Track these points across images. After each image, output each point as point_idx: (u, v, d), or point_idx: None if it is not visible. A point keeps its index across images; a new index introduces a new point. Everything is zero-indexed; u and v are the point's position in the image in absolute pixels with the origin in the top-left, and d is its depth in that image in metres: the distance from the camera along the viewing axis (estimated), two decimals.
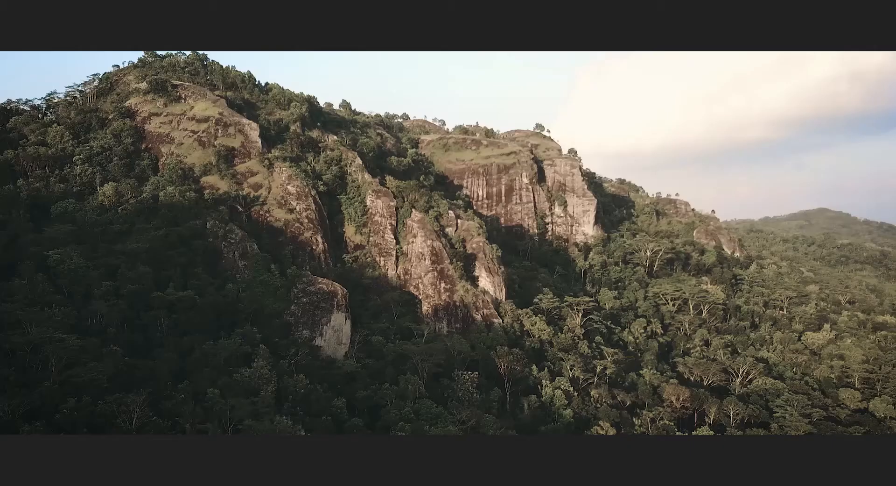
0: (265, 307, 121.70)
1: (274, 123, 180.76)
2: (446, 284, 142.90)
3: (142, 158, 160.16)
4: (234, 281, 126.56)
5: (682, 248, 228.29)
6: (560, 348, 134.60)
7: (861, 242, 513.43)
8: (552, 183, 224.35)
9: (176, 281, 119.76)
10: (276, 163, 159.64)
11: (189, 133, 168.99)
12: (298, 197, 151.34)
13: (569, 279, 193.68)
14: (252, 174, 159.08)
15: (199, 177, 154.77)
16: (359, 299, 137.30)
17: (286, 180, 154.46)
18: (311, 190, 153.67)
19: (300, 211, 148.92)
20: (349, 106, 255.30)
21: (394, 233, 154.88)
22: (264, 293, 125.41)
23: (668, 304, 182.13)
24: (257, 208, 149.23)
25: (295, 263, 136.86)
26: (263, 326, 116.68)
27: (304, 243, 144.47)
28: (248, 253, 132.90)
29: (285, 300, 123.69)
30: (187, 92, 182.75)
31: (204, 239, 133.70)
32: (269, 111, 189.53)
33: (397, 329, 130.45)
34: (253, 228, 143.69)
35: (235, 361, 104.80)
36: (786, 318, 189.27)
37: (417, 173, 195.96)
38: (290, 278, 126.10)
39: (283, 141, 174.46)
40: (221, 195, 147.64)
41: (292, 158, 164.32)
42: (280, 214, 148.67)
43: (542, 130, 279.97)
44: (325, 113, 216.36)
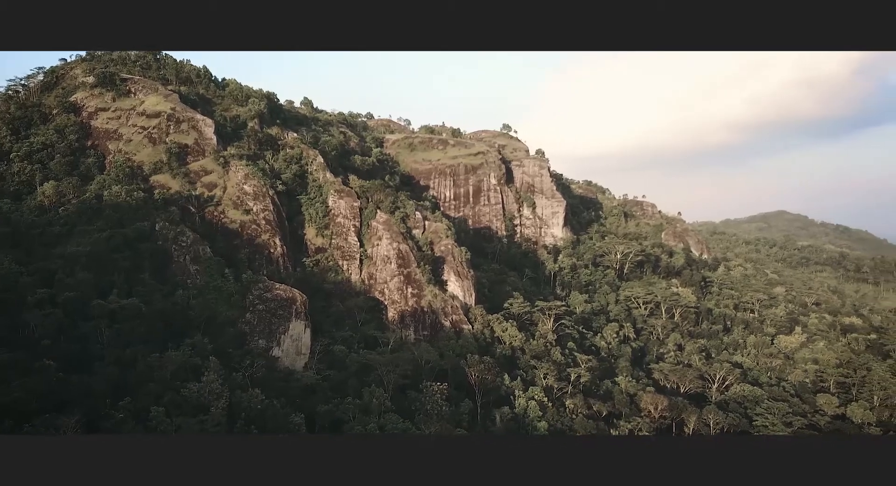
0: (218, 315, 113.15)
1: (230, 119, 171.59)
2: (413, 288, 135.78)
3: (87, 155, 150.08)
4: (185, 287, 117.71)
5: (652, 250, 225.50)
6: (532, 355, 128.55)
7: (820, 244, 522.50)
8: (520, 184, 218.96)
9: (120, 287, 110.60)
10: (232, 161, 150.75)
11: (139, 129, 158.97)
12: (255, 197, 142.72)
13: (538, 283, 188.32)
14: (206, 173, 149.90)
15: (148, 175, 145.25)
16: (320, 305, 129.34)
17: (242, 179, 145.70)
18: (269, 190, 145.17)
19: (257, 212, 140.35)
20: (311, 104, 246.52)
21: (357, 235, 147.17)
22: (217, 300, 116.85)
23: (639, 307, 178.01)
24: (211, 209, 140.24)
25: (251, 267, 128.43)
26: (216, 335, 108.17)
27: (262, 245, 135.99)
28: (200, 257, 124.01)
29: (240, 308, 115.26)
30: (137, 86, 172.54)
31: (152, 242, 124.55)
32: (225, 107, 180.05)
33: (361, 337, 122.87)
34: (206, 230, 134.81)
35: (184, 374, 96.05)
36: (757, 321, 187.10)
37: (382, 173, 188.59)
38: (246, 284, 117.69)
39: (239, 138, 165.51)
40: (172, 195, 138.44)
41: (249, 157, 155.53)
42: (236, 216, 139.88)
43: (510, 131, 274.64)
44: (285, 110, 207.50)
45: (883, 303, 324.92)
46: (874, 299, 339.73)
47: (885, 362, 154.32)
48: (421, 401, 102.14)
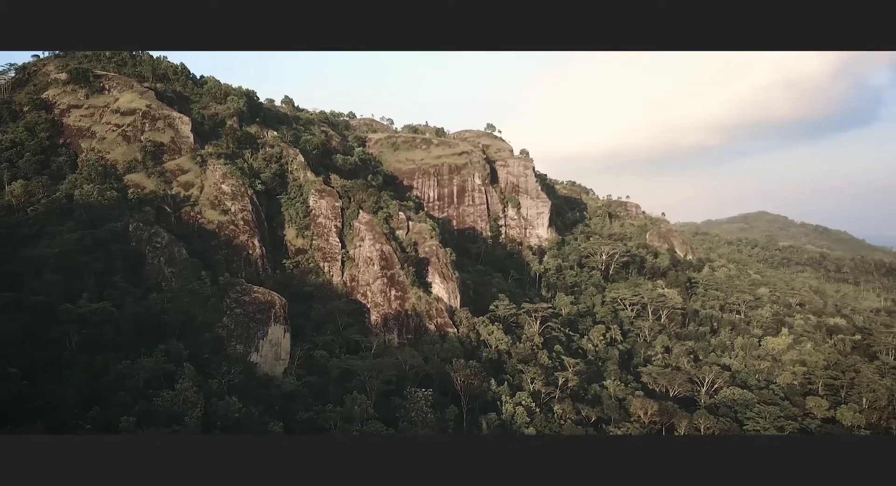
0: (194, 319, 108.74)
1: (208, 117, 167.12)
2: (397, 291, 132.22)
3: (58, 154, 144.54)
4: (159, 290, 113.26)
5: (637, 251, 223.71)
6: (519, 358, 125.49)
7: (800, 244, 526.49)
8: (505, 184, 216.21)
9: (90, 291, 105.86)
10: (210, 160, 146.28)
11: (112, 127, 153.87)
12: (234, 197, 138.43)
13: (524, 284, 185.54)
14: (182, 172, 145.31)
15: (122, 175, 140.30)
16: (300, 308, 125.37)
17: (220, 179, 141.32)
18: (247, 189, 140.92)
19: (235, 212, 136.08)
20: (292, 102, 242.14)
21: (339, 236, 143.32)
22: (193, 304, 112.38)
23: (626, 309, 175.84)
24: (187, 209, 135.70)
25: (229, 269, 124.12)
26: (191, 341, 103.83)
27: (240, 247, 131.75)
28: (175, 258, 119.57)
29: (217, 311, 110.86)
30: (112, 83, 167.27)
31: (125, 243, 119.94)
32: (203, 105, 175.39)
33: (343, 342, 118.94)
34: (182, 230, 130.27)
35: (157, 382, 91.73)
36: (743, 322, 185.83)
37: (365, 173, 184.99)
38: (223, 287, 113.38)
39: (217, 137, 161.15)
40: (147, 195, 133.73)
41: (228, 155, 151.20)
42: (213, 216, 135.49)
43: (493, 131, 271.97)
44: (265, 109, 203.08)
45: (863, 303, 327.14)
46: (855, 299, 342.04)
47: (872, 363, 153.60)
48: (405, 408, 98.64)
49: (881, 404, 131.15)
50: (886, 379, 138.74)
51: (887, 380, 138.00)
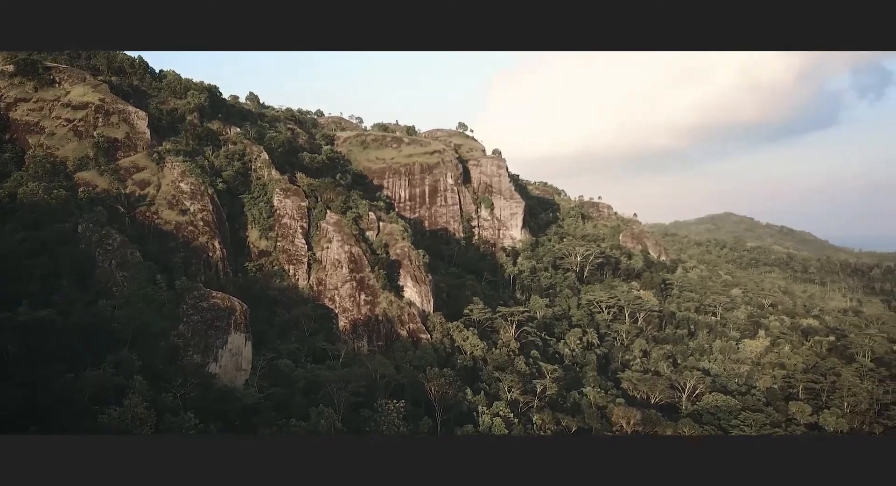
0: (147, 328, 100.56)
1: (167, 113, 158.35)
2: (367, 295, 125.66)
3: (3, 150, 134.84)
4: (110, 296, 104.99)
5: (611, 252, 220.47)
6: (495, 365, 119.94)
7: (767, 245, 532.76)
8: (478, 184, 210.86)
9: (33, 297, 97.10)
10: (168, 157, 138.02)
11: (63, 122, 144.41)
12: (193, 196, 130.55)
13: (497, 286, 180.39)
14: (138, 170, 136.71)
15: (72, 172, 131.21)
16: (264, 314, 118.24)
17: (179, 177, 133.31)
18: (208, 188, 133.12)
19: (195, 212, 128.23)
20: (257, 99, 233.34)
21: (305, 237, 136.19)
22: (147, 310, 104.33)
23: (602, 312, 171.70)
24: (143, 209, 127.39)
25: (187, 273, 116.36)
26: (144, 351, 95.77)
27: (199, 249, 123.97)
28: (128, 262, 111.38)
29: (172, 319, 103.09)
30: (63, 75, 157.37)
31: (73, 245, 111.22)
32: (161, 100, 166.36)
33: (309, 350, 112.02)
34: (137, 232, 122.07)
35: (105, 397, 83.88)
36: (719, 324, 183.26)
37: (333, 172, 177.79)
38: (179, 292, 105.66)
39: (177, 133, 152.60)
40: (99, 194, 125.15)
41: (187, 152, 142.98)
42: (170, 216, 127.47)
43: (465, 130, 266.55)
44: (228, 104, 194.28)
45: (830, 303, 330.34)
46: (821, 299, 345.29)
47: (850, 365, 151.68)
48: (376, 421, 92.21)
49: (862, 407, 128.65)
50: (866, 382, 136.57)
51: (867, 383, 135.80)
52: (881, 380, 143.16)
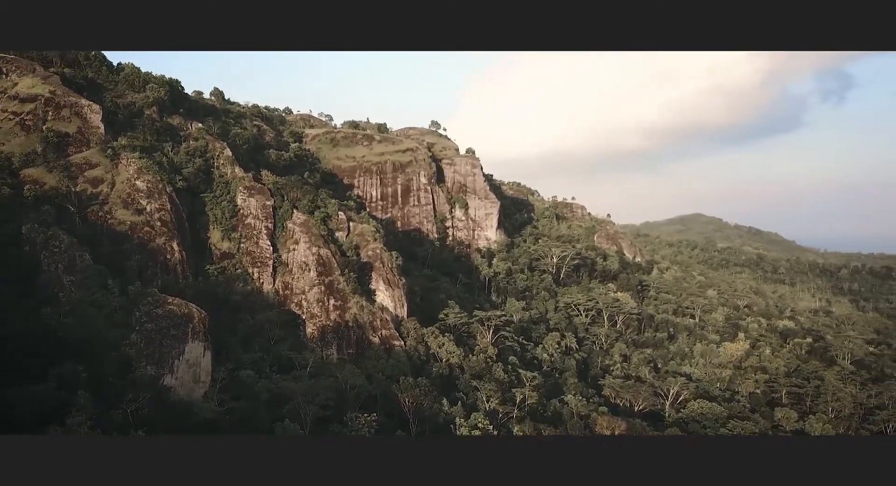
0: (96, 337, 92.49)
1: (124, 107, 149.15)
2: (336, 299, 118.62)
3: None
4: (56, 303, 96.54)
5: (586, 253, 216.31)
6: (473, 374, 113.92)
7: (737, 245, 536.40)
8: (452, 184, 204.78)
9: None
10: (123, 153, 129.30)
11: (9, 115, 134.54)
12: (150, 195, 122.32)
13: (473, 289, 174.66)
14: (90, 166, 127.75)
15: (18, 169, 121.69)
16: (225, 321, 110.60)
17: (135, 174, 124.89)
18: (166, 186, 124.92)
19: (151, 212, 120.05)
20: (221, 95, 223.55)
21: (270, 238, 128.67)
22: (96, 318, 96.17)
23: (580, 315, 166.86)
24: (95, 209, 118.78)
25: (142, 277, 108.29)
26: (92, 362, 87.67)
27: (156, 251, 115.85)
28: (76, 265, 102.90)
29: (124, 327, 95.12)
30: (10, 66, 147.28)
31: (17, 248, 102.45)
32: (118, 94, 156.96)
33: (274, 359, 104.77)
34: (88, 233, 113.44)
35: (47, 415, 75.90)
36: (698, 327, 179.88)
37: (301, 170, 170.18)
38: (132, 298, 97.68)
39: (134, 128, 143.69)
40: (47, 192, 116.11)
41: (144, 149, 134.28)
42: (125, 216, 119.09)
43: (438, 128, 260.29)
44: (190, 100, 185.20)
45: (800, 303, 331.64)
46: (792, 299, 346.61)
47: (831, 368, 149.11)
48: (345, 436, 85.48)
49: (847, 412, 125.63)
50: (849, 386, 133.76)
51: (850, 387, 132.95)
52: (863, 383, 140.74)
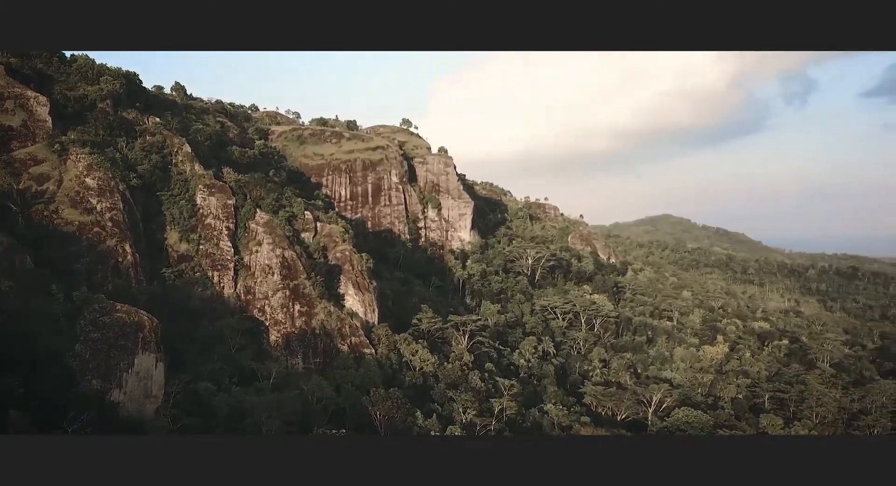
0: (35, 348, 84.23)
1: (75, 99, 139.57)
2: (302, 305, 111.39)
3: None
4: None
5: (561, 254, 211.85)
6: (448, 383, 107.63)
7: (707, 246, 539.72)
8: (424, 183, 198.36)
9: None
10: (72, 148, 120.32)
11: None
12: (101, 193, 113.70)
13: (446, 292, 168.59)
14: (36, 162, 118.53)
15: None
16: (182, 328, 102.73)
17: (84, 171, 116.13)
18: (119, 184, 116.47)
19: (102, 211, 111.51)
20: (183, 89, 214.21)
21: (232, 240, 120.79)
22: (37, 327, 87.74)
23: (557, 318, 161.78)
24: (40, 208, 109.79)
25: (90, 282, 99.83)
26: (31, 376, 79.50)
27: (107, 253, 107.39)
28: (16, 269, 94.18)
29: (68, 337, 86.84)
30: None
31: None
32: (69, 86, 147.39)
33: (234, 370, 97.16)
34: (32, 234, 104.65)
35: None
36: (676, 329, 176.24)
37: (266, 168, 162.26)
38: (78, 305, 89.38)
39: (85, 122, 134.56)
40: None
41: (96, 144, 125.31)
42: (73, 216, 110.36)
43: (410, 127, 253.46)
44: (149, 94, 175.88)
45: (769, 303, 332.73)
46: (761, 299, 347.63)
47: (812, 372, 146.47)
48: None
49: (831, 417, 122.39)
50: (833, 391, 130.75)
51: (834, 392, 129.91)
52: (844, 387, 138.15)
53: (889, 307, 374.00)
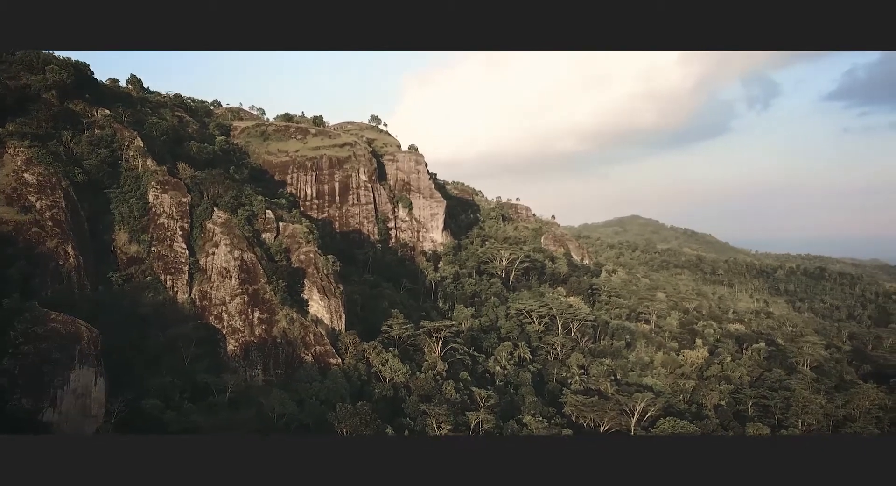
0: None
1: (16, 89, 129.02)
2: (262, 311, 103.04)
3: None
4: None
5: (535, 255, 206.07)
6: (420, 394, 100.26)
7: (676, 247, 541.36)
8: (395, 181, 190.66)
9: None
10: (10, 142, 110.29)
11: None
12: (41, 190, 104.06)
13: (418, 295, 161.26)
14: None
15: None
16: (130, 337, 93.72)
17: (23, 165, 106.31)
18: (61, 180, 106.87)
19: (42, 210, 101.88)
20: (139, 82, 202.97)
21: (186, 241, 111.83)
22: None
23: (533, 322, 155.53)
24: None
25: (26, 288, 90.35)
26: None
27: (46, 256, 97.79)
28: None
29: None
30: None
31: None
32: (11, 75, 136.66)
33: (187, 384, 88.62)
34: None
35: None
36: (654, 333, 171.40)
37: (227, 165, 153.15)
38: (7, 314, 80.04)
39: (27, 114, 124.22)
40: None
41: (37, 136, 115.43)
42: (8, 215, 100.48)
43: (379, 124, 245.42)
44: (102, 86, 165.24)
45: (739, 304, 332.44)
46: (731, 300, 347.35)
47: (795, 376, 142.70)
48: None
49: (817, 425, 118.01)
50: (818, 397, 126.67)
51: (820, 398, 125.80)
52: (828, 392, 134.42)
53: (855, 308, 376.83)
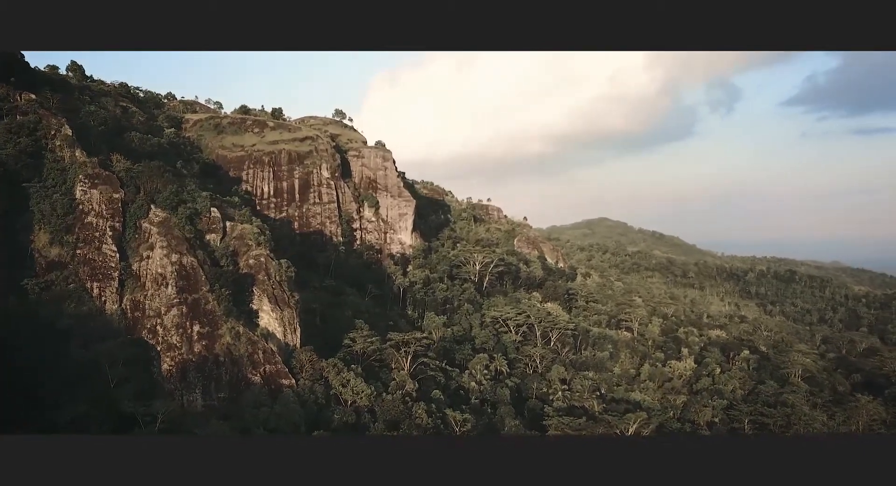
0: None
1: None
2: (203, 324, 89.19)
3: None
4: None
5: (508, 258, 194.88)
6: (387, 419, 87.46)
7: (646, 249, 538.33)
8: (360, 179, 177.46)
9: None
10: None
11: None
12: None
13: (385, 302, 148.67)
14: None
15: None
16: (45, 354, 79.36)
17: None
18: None
19: None
20: (81, 70, 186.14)
21: (118, 243, 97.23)
22: None
23: (510, 331, 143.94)
24: None
25: None
26: None
27: None
28: None
29: None
30: None
31: None
32: None
33: (107, 413, 74.50)
34: None
35: None
36: (637, 341, 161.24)
37: (175, 159, 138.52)
38: None
39: None
40: None
41: None
42: None
43: (343, 118, 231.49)
44: (34, 72, 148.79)
45: (710, 307, 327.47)
46: (703, 303, 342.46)
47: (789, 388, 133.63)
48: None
49: None
50: (818, 413, 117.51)
51: (821, 414, 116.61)
52: (825, 406, 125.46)
53: (826, 311, 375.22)
